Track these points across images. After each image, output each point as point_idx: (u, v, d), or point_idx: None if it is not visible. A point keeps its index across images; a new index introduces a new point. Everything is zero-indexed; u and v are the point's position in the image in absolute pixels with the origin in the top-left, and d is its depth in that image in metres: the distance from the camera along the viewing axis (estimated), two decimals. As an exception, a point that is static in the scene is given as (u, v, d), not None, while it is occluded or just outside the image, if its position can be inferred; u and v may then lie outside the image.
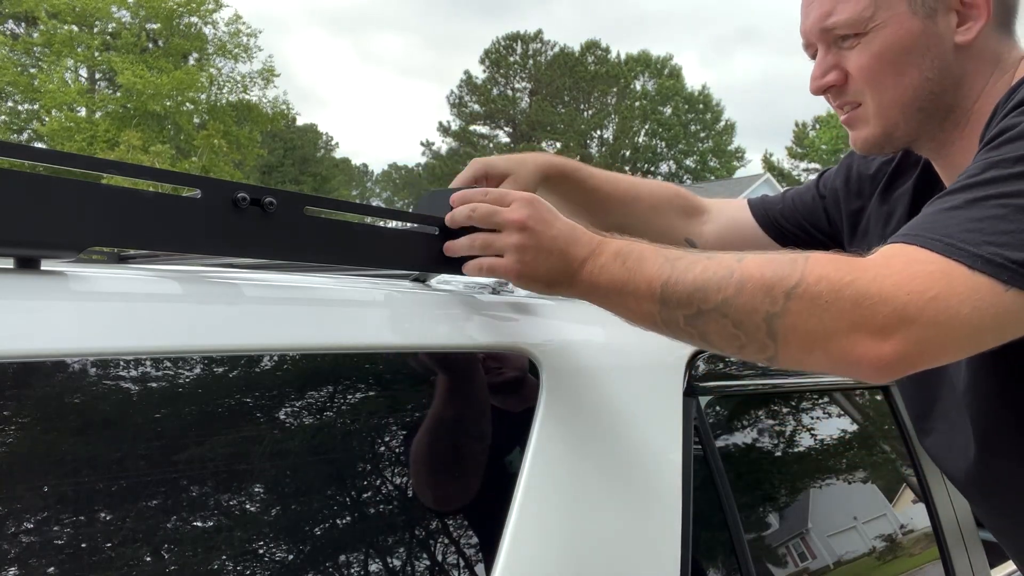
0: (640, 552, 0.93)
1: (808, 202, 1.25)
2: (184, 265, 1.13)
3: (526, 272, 0.85)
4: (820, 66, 1.01)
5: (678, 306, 0.78)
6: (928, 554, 1.47)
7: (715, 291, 0.76)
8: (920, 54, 0.95)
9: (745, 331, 0.75)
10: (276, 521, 0.71)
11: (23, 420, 0.61)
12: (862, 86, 0.98)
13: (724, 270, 0.76)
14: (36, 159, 0.71)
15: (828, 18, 0.97)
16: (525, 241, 0.85)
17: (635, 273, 0.81)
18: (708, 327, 0.78)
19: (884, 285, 0.70)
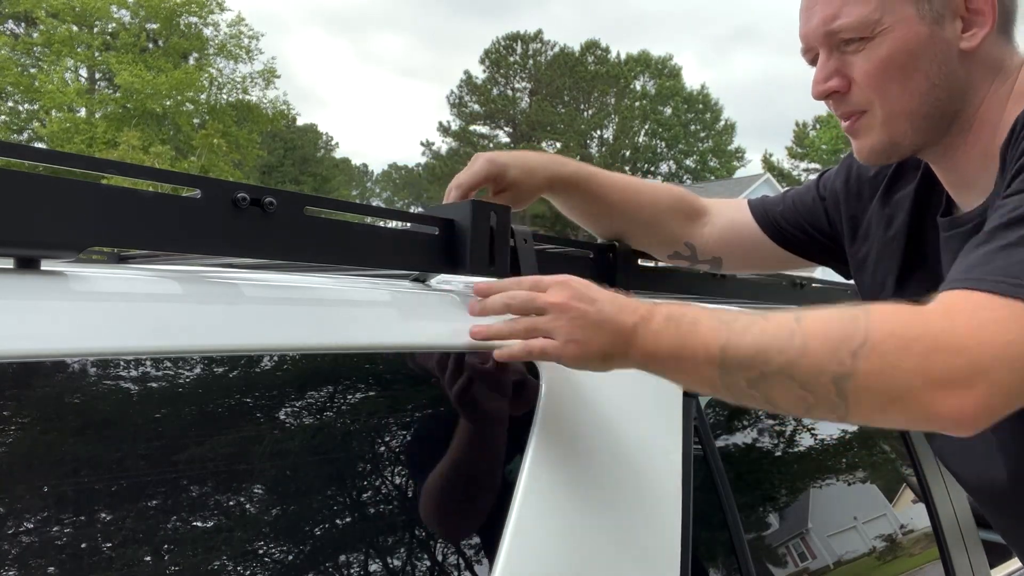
0: (640, 552, 0.93)
1: (808, 203, 1.24)
2: (184, 265, 1.13)
3: (581, 353, 0.83)
4: (823, 70, 0.98)
5: (739, 369, 0.77)
6: (928, 554, 1.47)
7: (777, 353, 0.74)
8: (927, 60, 0.93)
9: (813, 392, 0.74)
10: (276, 521, 0.71)
11: (23, 420, 0.61)
12: (868, 93, 0.96)
13: (784, 331, 0.75)
14: (36, 159, 0.71)
15: (833, 21, 0.94)
16: (573, 321, 0.83)
17: (690, 337, 0.79)
18: (773, 390, 0.76)
19: (955, 336, 0.69)
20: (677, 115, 45.42)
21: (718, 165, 46.16)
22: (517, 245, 1.00)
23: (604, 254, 1.18)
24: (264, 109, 25.82)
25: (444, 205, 0.98)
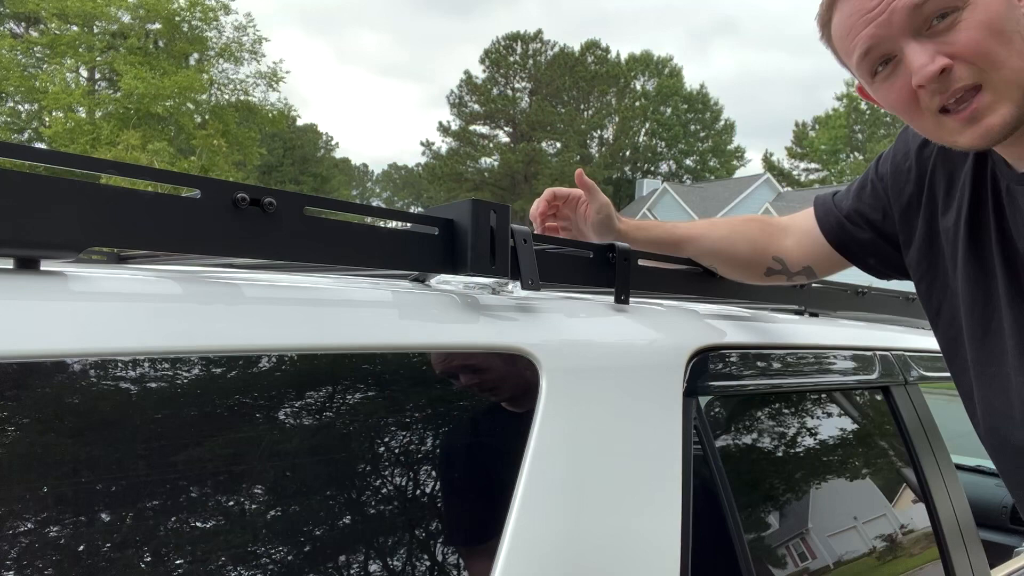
0: (640, 552, 0.93)
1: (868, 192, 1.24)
2: (184, 265, 1.13)
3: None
4: (922, 54, 0.92)
5: None
6: (928, 554, 1.47)
7: None
8: (1015, 21, 0.91)
9: None
10: (276, 522, 0.71)
11: (23, 420, 0.61)
12: (978, 63, 0.91)
13: None
14: (36, 159, 0.71)
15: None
16: None
17: None
18: None
19: None
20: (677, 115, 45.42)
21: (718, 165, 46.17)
22: (517, 245, 1.00)
23: (604, 254, 1.18)
24: (267, 111, 25.82)
25: (444, 205, 0.98)
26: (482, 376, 0.91)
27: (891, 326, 1.79)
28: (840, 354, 1.47)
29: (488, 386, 0.92)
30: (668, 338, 1.13)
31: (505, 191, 39.71)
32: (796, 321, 1.54)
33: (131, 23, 23.15)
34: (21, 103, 23.28)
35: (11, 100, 23.09)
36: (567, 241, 1.21)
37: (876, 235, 1.24)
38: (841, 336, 1.53)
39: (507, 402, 0.93)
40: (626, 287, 1.17)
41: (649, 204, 32.12)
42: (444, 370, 0.89)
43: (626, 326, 1.11)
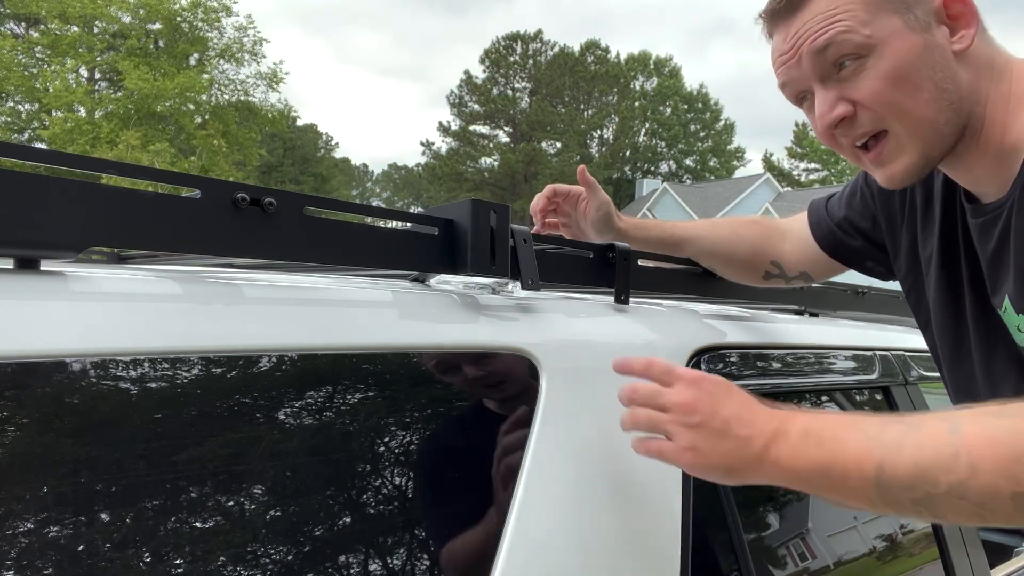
0: (640, 552, 0.93)
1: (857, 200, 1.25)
2: (184, 265, 1.13)
3: (700, 461, 0.80)
4: (825, 102, 0.94)
5: (902, 490, 0.73)
6: (928, 554, 1.47)
7: (943, 473, 0.71)
8: (930, 67, 0.91)
9: (989, 510, 0.71)
10: (276, 522, 0.71)
11: (23, 421, 0.61)
12: (879, 111, 0.92)
13: (945, 447, 0.71)
14: (36, 159, 0.71)
15: (820, 36, 0.91)
16: (693, 427, 0.79)
17: (837, 454, 0.75)
18: (943, 510, 0.73)
19: None
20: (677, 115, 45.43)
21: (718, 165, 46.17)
22: (517, 245, 1.00)
23: (604, 254, 1.18)
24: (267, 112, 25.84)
25: (444, 205, 0.98)
26: (482, 376, 0.91)
27: (891, 326, 1.79)
28: (840, 354, 1.48)
29: (488, 386, 0.92)
30: (668, 338, 1.13)
31: (505, 191, 39.72)
32: (796, 321, 1.54)
33: (131, 23, 23.16)
34: (21, 103, 23.28)
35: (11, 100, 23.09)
36: (567, 241, 1.21)
37: (867, 242, 1.24)
38: (841, 336, 1.53)
39: (507, 402, 0.93)
40: (626, 287, 1.17)
41: (649, 204, 32.12)
42: (444, 370, 0.89)
43: (626, 326, 1.11)
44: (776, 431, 0.78)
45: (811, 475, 0.76)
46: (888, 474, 0.72)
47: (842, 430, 0.76)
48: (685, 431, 0.80)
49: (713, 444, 0.79)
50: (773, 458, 0.78)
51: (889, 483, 0.73)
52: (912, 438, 0.73)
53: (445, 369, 0.89)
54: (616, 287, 1.16)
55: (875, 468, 0.73)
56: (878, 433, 0.74)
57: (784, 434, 0.78)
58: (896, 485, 0.72)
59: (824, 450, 0.75)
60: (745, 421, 0.79)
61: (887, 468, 0.72)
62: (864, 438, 0.74)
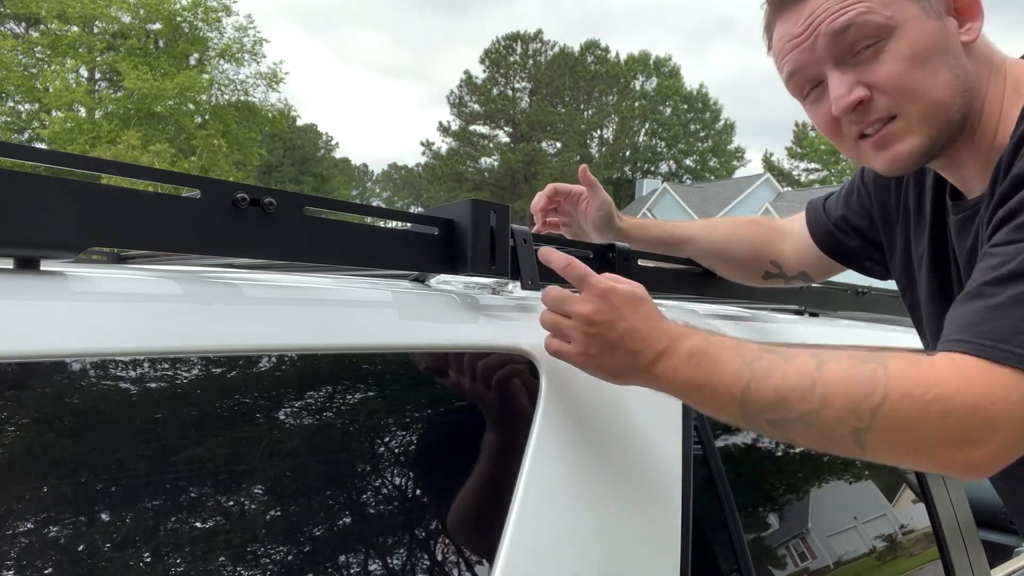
0: (640, 552, 0.93)
1: (854, 199, 1.25)
2: (184, 265, 1.13)
3: (590, 364, 0.87)
4: (841, 84, 0.93)
5: (760, 412, 0.80)
6: (928, 554, 1.47)
7: (799, 402, 0.78)
8: (944, 52, 0.91)
9: (832, 440, 0.79)
10: (276, 522, 0.71)
11: (23, 421, 0.61)
12: (896, 95, 0.91)
13: (806, 380, 0.78)
14: (36, 159, 0.71)
15: (841, 17, 0.90)
16: (589, 336, 0.85)
17: (712, 375, 0.82)
18: (793, 433, 0.81)
19: (967, 399, 0.73)
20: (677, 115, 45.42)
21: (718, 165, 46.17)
22: (516, 245, 1.00)
23: (604, 254, 1.18)
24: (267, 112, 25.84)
25: (444, 205, 0.98)
26: (482, 376, 0.91)
27: (891, 326, 1.79)
28: (840, 354, 1.47)
29: (488, 386, 0.92)
30: (668, 338, 1.13)
31: (505, 191, 39.71)
32: (796, 321, 1.54)
33: (131, 23, 23.16)
34: (21, 103, 23.29)
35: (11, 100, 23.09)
36: (567, 241, 1.21)
37: (864, 242, 1.24)
38: (841, 336, 1.53)
39: (507, 402, 0.93)
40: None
41: (649, 204, 32.12)
42: (444, 370, 0.89)
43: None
44: (665, 349, 0.84)
45: (686, 389, 0.84)
46: (751, 397, 0.80)
47: (723, 354, 0.82)
48: (582, 337, 0.86)
49: (605, 353, 0.85)
50: (657, 372, 0.84)
51: (751, 404, 0.80)
52: (780, 368, 0.79)
53: (445, 369, 0.89)
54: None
55: (741, 391, 0.80)
56: (752, 359, 0.81)
57: (671, 352, 0.84)
58: (756, 407, 0.80)
59: (701, 370, 0.82)
60: (640, 337, 0.85)
61: (751, 391, 0.80)
62: (740, 364, 0.81)
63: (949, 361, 0.77)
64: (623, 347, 0.85)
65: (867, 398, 0.75)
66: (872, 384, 0.76)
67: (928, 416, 0.74)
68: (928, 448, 0.76)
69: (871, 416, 0.75)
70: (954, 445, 0.74)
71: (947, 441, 0.74)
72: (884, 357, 0.78)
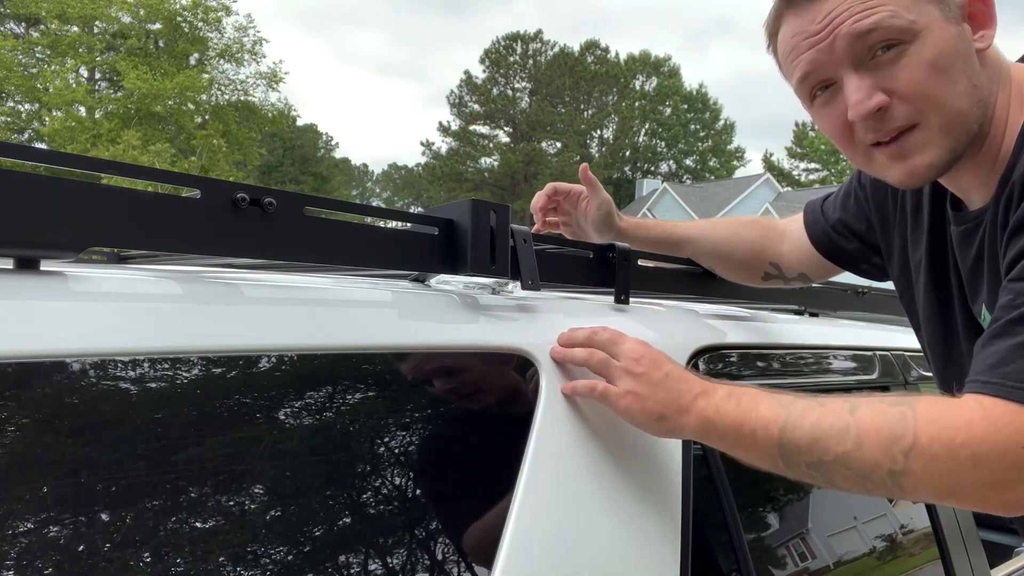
0: (640, 552, 0.93)
1: (851, 202, 1.24)
2: (184, 265, 1.13)
3: (635, 405, 0.89)
4: (860, 89, 0.88)
5: (798, 453, 0.82)
6: (928, 554, 1.47)
7: (835, 443, 0.80)
8: (964, 59, 0.88)
9: (871, 481, 0.80)
10: (276, 522, 0.71)
11: (23, 420, 0.61)
12: (917, 103, 0.87)
13: (840, 423, 0.80)
14: (36, 159, 0.71)
15: (866, 19, 0.86)
16: (638, 376, 0.89)
17: (750, 414, 0.84)
18: (832, 475, 0.82)
19: (997, 443, 0.74)
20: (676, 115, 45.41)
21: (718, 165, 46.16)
22: (517, 245, 1.00)
23: (604, 254, 1.18)
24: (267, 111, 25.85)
25: (444, 205, 0.98)
26: (482, 376, 0.91)
27: (891, 326, 1.79)
28: (840, 354, 1.47)
29: (488, 386, 0.92)
30: (668, 338, 1.13)
31: (505, 191, 39.71)
32: (796, 321, 1.54)
33: (131, 23, 23.17)
34: (21, 103, 23.29)
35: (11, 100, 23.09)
36: (567, 241, 1.21)
37: (862, 244, 1.24)
38: (841, 336, 1.53)
39: (507, 402, 0.93)
40: (626, 287, 1.17)
41: (649, 204, 32.12)
42: (444, 370, 0.89)
43: (626, 326, 1.11)
44: (705, 389, 0.88)
45: (727, 429, 0.86)
46: (788, 437, 0.82)
47: (761, 397, 0.86)
48: (629, 378, 0.89)
49: (651, 392, 0.88)
50: (699, 409, 0.87)
51: (789, 445, 0.82)
52: (815, 411, 0.82)
53: (445, 369, 0.89)
54: (616, 287, 1.16)
55: (779, 430, 0.82)
56: (789, 403, 0.84)
57: (711, 392, 0.88)
58: (794, 448, 0.82)
59: (741, 409, 0.85)
60: (681, 378, 0.89)
61: (788, 431, 0.82)
62: (776, 405, 0.84)
63: (975, 404, 0.77)
64: (667, 386, 0.88)
65: (898, 441, 0.76)
66: (903, 427, 0.77)
67: (959, 461, 0.74)
68: (966, 491, 0.76)
69: (904, 459, 0.76)
70: (990, 488, 0.75)
71: (982, 484, 0.75)
72: (912, 400, 0.79)
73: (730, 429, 0.85)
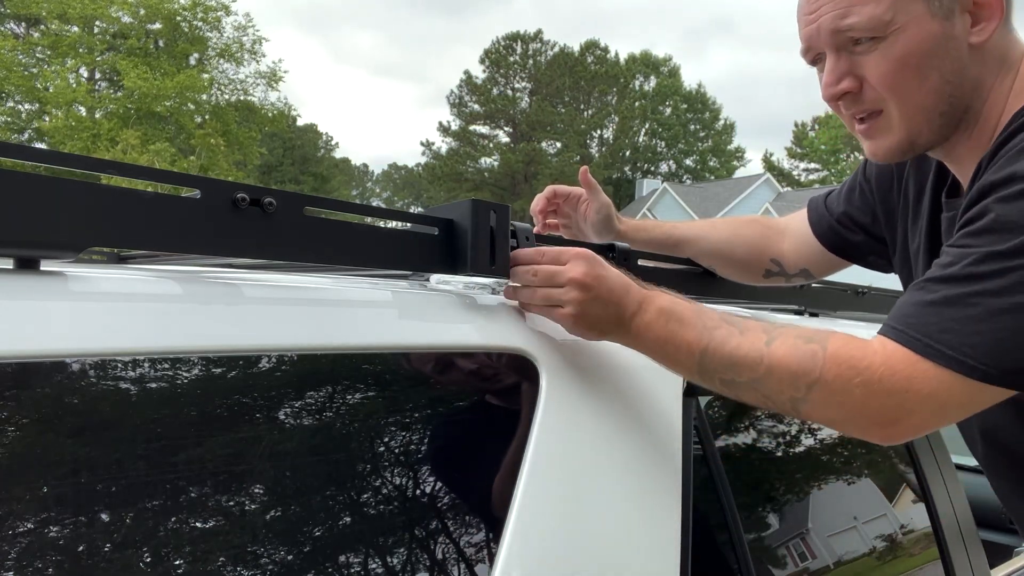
0: (640, 552, 0.93)
1: (856, 195, 1.26)
2: (184, 265, 1.13)
3: (583, 322, 0.92)
4: (833, 72, 0.97)
5: (715, 372, 0.91)
6: (928, 554, 1.47)
7: (748, 370, 0.89)
8: (940, 57, 0.92)
9: (773, 402, 0.91)
10: (276, 522, 0.71)
11: (23, 420, 0.61)
12: (884, 92, 0.95)
13: (755, 352, 0.89)
14: (36, 159, 0.71)
15: (843, 20, 0.93)
16: (584, 296, 0.91)
17: (676, 335, 0.91)
18: (741, 393, 0.92)
19: (889, 385, 0.84)
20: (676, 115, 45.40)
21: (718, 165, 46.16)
22: (520, 243, 1.00)
23: (604, 254, 1.18)
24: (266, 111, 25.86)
25: (444, 205, 0.98)
26: (482, 376, 0.91)
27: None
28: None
29: (488, 386, 0.92)
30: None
31: (505, 191, 39.71)
32: (796, 321, 1.53)
33: (131, 23, 23.18)
34: (21, 103, 23.29)
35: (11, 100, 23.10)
36: (569, 242, 1.21)
37: (868, 237, 1.25)
38: (841, 336, 1.53)
39: (507, 402, 0.93)
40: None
41: (649, 204, 32.11)
42: (444, 370, 0.89)
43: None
44: (641, 304, 0.93)
45: (653, 345, 0.93)
46: (708, 358, 0.91)
47: (688, 317, 0.92)
48: (578, 300, 0.91)
49: (596, 310, 0.92)
50: (633, 326, 0.93)
51: (707, 366, 0.91)
52: (736, 340, 0.90)
53: (445, 369, 0.89)
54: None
55: (700, 352, 0.91)
56: (713, 327, 0.91)
57: (646, 308, 0.93)
58: (711, 368, 0.91)
59: (668, 329, 0.92)
60: (622, 292, 0.93)
61: (708, 354, 0.90)
62: (701, 328, 0.91)
63: (880, 346, 0.86)
64: (612, 302, 0.92)
65: (805, 375, 0.86)
66: (812, 363, 0.86)
67: (853, 396, 0.85)
68: (852, 420, 0.87)
69: (807, 390, 0.87)
70: (874, 422, 0.86)
71: (869, 418, 0.86)
72: (825, 338, 0.88)
73: (656, 345, 0.92)
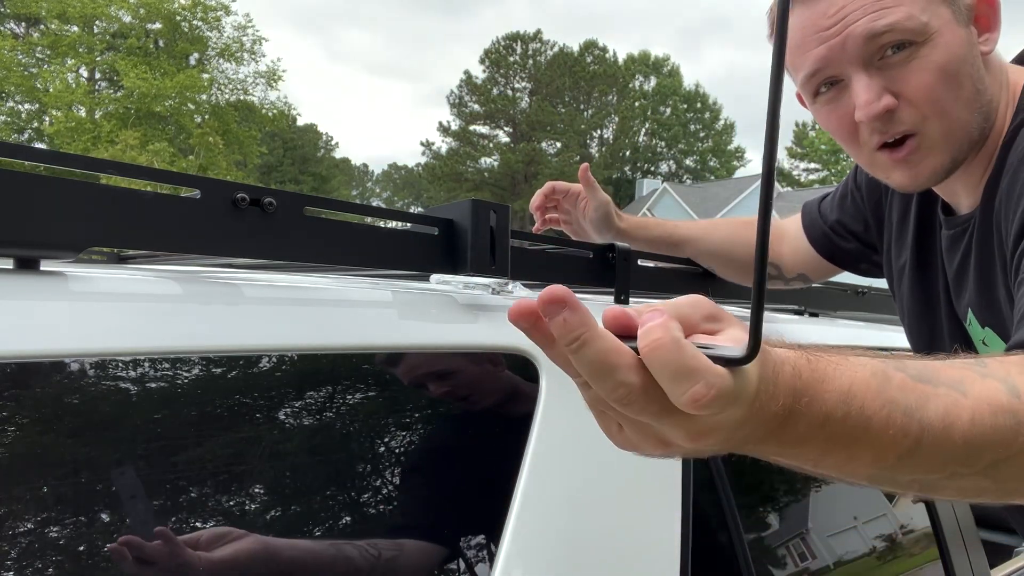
0: (640, 552, 0.93)
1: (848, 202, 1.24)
2: (184, 265, 1.13)
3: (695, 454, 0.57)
4: (869, 90, 0.85)
5: (926, 472, 0.56)
6: (928, 554, 1.47)
7: (1003, 448, 0.55)
8: (970, 64, 0.85)
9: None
10: (276, 522, 0.71)
11: (23, 420, 0.61)
12: (925, 108, 0.85)
13: (1006, 416, 0.55)
14: (36, 159, 0.71)
15: (880, 20, 0.83)
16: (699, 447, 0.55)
17: (860, 441, 0.53)
18: (949, 491, 0.60)
19: None
20: (676, 115, 45.41)
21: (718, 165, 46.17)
22: (517, 245, 1.00)
23: (604, 254, 1.18)
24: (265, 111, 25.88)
25: (444, 205, 0.98)
26: (482, 376, 0.91)
27: (891, 326, 1.79)
28: (840, 354, 1.47)
29: (488, 386, 0.92)
30: (668, 338, 1.13)
31: (505, 191, 39.71)
32: (796, 321, 1.54)
33: (131, 23, 23.19)
34: (21, 103, 23.30)
35: (11, 100, 23.11)
36: (567, 241, 1.21)
37: (860, 244, 1.24)
38: (841, 336, 1.53)
39: (507, 402, 0.93)
40: (626, 287, 1.17)
41: (649, 204, 32.10)
42: (444, 370, 0.89)
43: (626, 326, 1.11)
44: (788, 415, 0.55)
45: (818, 457, 0.57)
46: (922, 455, 0.53)
47: (868, 402, 0.53)
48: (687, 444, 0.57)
49: (715, 448, 0.57)
50: (778, 443, 0.58)
51: (915, 465, 0.54)
52: (964, 407, 0.54)
53: (445, 369, 0.89)
54: (616, 287, 1.16)
55: (908, 448, 0.53)
56: (917, 406, 0.53)
57: (796, 418, 0.55)
58: (922, 467, 0.54)
59: (843, 439, 0.54)
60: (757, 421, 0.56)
61: (924, 448, 0.53)
62: (901, 415, 0.53)
63: None
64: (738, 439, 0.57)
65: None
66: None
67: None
68: None
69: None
70: None
71: None
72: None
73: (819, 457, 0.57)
